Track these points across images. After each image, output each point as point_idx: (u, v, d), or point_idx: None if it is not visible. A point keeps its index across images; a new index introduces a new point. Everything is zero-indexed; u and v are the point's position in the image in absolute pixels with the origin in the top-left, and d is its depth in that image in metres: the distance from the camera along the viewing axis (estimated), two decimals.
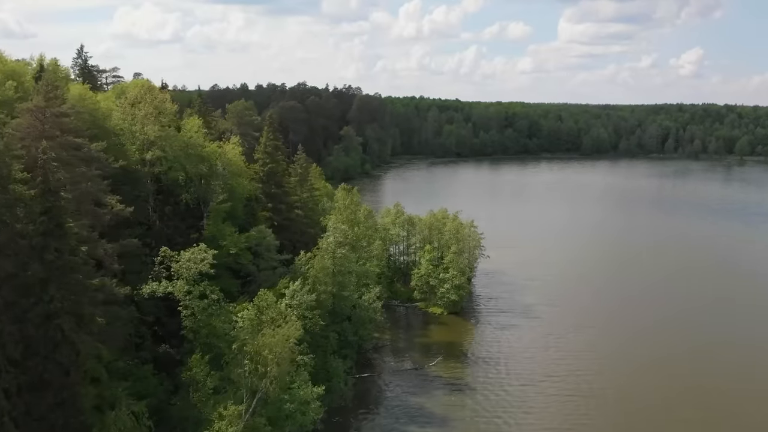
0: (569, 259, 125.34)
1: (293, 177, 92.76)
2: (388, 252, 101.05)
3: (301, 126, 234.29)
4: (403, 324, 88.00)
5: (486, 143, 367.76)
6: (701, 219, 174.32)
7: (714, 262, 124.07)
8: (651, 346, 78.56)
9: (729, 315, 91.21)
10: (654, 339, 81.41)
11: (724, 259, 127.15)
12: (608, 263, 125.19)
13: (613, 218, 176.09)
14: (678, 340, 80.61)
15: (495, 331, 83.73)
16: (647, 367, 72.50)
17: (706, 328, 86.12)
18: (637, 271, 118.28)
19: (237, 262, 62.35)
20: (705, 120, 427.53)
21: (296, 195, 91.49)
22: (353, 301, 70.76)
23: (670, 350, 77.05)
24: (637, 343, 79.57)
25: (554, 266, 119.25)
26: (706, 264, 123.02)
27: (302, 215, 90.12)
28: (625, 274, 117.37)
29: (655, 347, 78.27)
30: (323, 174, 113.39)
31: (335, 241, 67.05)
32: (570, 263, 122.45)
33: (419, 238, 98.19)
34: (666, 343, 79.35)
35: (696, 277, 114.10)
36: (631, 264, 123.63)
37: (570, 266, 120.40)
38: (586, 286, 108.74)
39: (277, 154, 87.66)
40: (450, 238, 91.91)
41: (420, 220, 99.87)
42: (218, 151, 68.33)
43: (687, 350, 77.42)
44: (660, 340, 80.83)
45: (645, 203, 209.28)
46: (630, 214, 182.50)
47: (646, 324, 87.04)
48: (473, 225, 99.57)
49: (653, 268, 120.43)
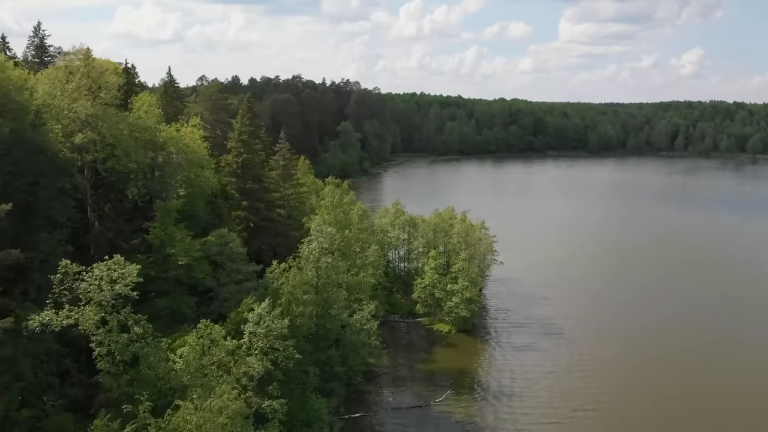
0: (583, 261, 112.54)
1: (275, 170, 79.20)
2: (387, 257, 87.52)
3: (295, 120, 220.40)
4: (404, 344, 74.24)
5: (489, 140, 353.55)
6: (729, 217, 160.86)
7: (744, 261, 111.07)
8: (693, 366, 65.30)
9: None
10: (693, 354, 68.49)
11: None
12: (624, 264, 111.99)
13: (625, 217, 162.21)
14: (727, 363, 67.17)
15: (512, 354, 70.23)
16: (699, 395, 59.29)
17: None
18: (658, 272, 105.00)
19: (190, 276, 48.77)
20: (715, 117, 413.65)
21: (278, 191, 78.02)
22: (342, 321, 57.26)
23: (719, 374, 63.69)
24: (677, 363, 66.09)
25: (567, 269, 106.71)
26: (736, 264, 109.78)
27: (285, 215, 76.58)
28: (643, 274, 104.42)
29: (699, 367, 65.06)
30: (312, 168, 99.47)
31: (319, 247, 53.41)
32: (584, 265, 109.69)
33: (422, 242, 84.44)
34: (713, 366, 65.88)
35: (722, 277, 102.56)
36: (650, 264, 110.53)
37: (584, 269, 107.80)
38: (604, 291, 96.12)
39: (254, 143, 74.12)
40: (459, 243, 78.16)
41: (423, 221, 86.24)
42: (175, 136, 54.81)
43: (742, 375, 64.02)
44: (700, 357, 67.39)
45: (661, 200, 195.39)
46: (645, 212, 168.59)
47: (677, 333, 75.34)
48: (484, 226, 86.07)
49: (670, 268, 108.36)
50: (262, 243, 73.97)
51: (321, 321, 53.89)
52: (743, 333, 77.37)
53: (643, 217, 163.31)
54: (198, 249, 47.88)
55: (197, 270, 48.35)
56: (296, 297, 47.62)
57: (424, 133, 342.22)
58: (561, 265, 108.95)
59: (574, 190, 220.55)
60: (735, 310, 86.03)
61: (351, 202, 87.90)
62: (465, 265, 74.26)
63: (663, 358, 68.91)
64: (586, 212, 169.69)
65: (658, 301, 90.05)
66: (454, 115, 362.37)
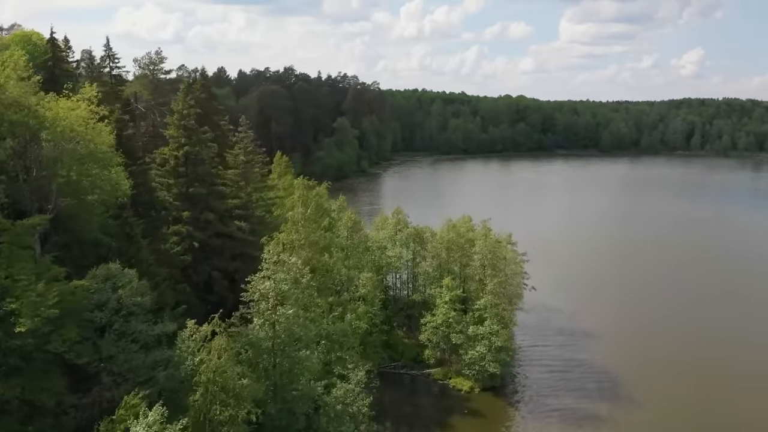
0: (618, 279, 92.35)
1: (234, 168, 59.10)
2: (384, 282, 67.24)
3: (287, 116, 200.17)
4: (406, 411, 53.61)
5: (496, 139, 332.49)
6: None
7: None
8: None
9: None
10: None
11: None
12: (672, 285, 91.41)
13: (653, 226, 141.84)
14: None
15: (559, 426, 50.08)
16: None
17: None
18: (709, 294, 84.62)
19: (42, 350, 28.48)
20: (731, 115, 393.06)
21: (238, 196, 57.94)
22: (314, 398, 37.18)
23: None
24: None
25: (601, 288, 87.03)
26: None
27: (247, 229, 56.59)
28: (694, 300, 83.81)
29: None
30: (291, 166, 79.09)
31: (276, 293, 33.26)
32: (621, 284, 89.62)
33: (433, 263, 64.00)
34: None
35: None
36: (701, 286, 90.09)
37: (622, 288, 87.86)
38: (652, 324, 74.86)
39: (201, 132, 54.14)
40: (483, 267, 57.84)
41: (433, 235, 65.79)
42: (48, 117, 34.56)
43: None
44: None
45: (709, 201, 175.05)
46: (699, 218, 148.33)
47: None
48: (511, 241, 65.92)
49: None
50: (214, 268, 54.10)
51: (278, 407, 33.77)
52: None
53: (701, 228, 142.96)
54: (55, 301, 27.51)
55: (55, 338, 28.05)
56: (225, 387, 27.34)
57: (427, 130, 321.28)
58: (601, 283, 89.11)
59: (596, 189, 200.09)
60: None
61: (341, 208, 68.01)
62: (493, 300, 53.95)
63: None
64: (614, 216, 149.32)
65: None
66: (458, 112, 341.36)
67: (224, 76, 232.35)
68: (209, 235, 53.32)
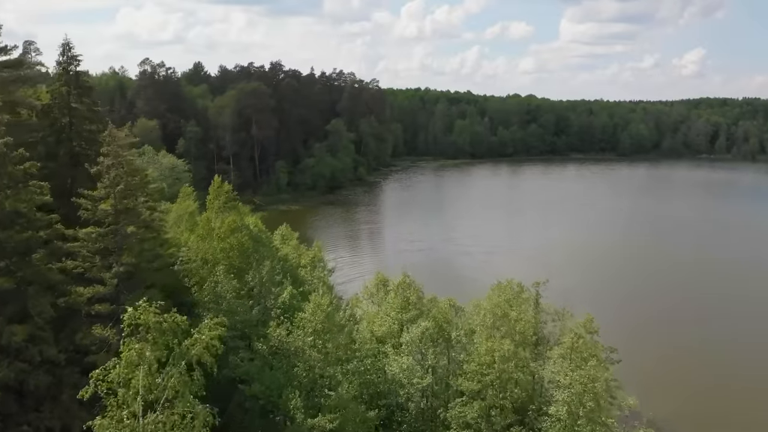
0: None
1: (96, 226, 31.24)
2: (388, 405, 39.61)
3: (269, 118, 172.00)
4: None
5: (506, 141, 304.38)
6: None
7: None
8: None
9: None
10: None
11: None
12: None
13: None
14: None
15: None
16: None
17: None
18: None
19: None
20: (755, 116, 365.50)
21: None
22: None
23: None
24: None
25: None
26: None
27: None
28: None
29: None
30: (237, 199, 51.18)
31: None
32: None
33: (473, 389, 36.21)
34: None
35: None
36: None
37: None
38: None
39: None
40: (569, 413, 30.35)
41: (470, 336, 37.82)
42: None
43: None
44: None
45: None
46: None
47: None
48: (592, 321, 38.78)
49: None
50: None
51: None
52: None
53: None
54: None
55: None
56: None
57: (430, 133, 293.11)
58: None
59: (626, 194, 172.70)
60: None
61: (330, 304, 40.97)
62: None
63: None
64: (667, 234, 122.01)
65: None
66: (464, 112, 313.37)
67: (202, 72, 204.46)
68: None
